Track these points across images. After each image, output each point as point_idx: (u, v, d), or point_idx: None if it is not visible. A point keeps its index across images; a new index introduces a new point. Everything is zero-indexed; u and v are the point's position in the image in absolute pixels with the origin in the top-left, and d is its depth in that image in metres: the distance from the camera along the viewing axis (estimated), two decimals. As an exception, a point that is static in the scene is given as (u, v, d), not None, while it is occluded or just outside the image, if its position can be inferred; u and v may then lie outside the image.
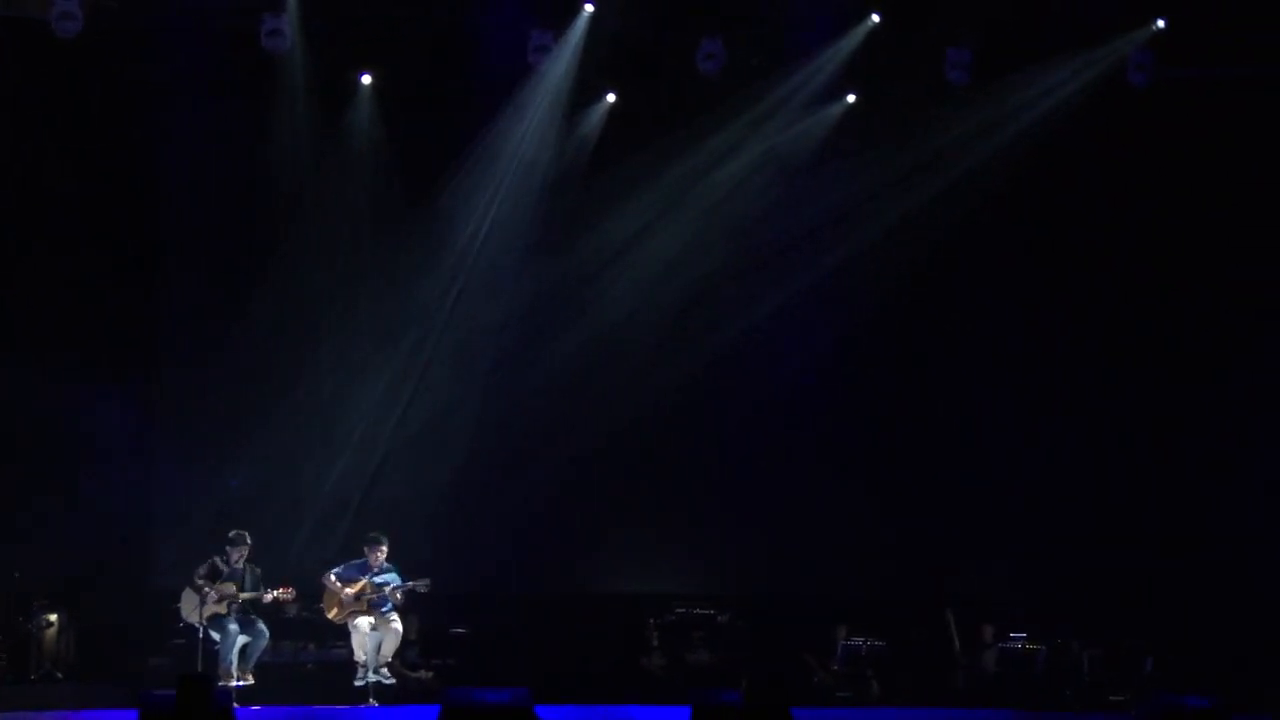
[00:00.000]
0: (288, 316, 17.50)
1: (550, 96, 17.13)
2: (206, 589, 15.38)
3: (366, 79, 17.14)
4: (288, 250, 17.45)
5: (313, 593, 15.89)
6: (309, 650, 16.34)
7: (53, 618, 16.23)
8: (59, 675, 16.04)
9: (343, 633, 15.70)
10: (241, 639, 15.40)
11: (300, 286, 17.54)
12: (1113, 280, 18.01)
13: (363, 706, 15.12)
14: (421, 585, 15.79)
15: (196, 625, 15.30)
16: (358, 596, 15.45)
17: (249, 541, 15.81)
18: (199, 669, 14.83)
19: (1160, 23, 16.62)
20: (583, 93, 17.23)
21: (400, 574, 15.83)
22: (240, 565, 15.65)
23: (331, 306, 17.62)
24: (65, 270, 16.99)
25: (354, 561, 15.81)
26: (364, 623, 15.38)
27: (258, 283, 17.50)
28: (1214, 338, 17.73)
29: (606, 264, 17.68)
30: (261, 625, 15.52)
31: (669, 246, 17.70)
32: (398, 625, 15.51)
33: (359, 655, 15.38)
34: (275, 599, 15.51)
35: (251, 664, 15.45)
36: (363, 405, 17.61)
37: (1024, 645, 16.38)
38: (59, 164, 16.90)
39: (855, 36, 16.87)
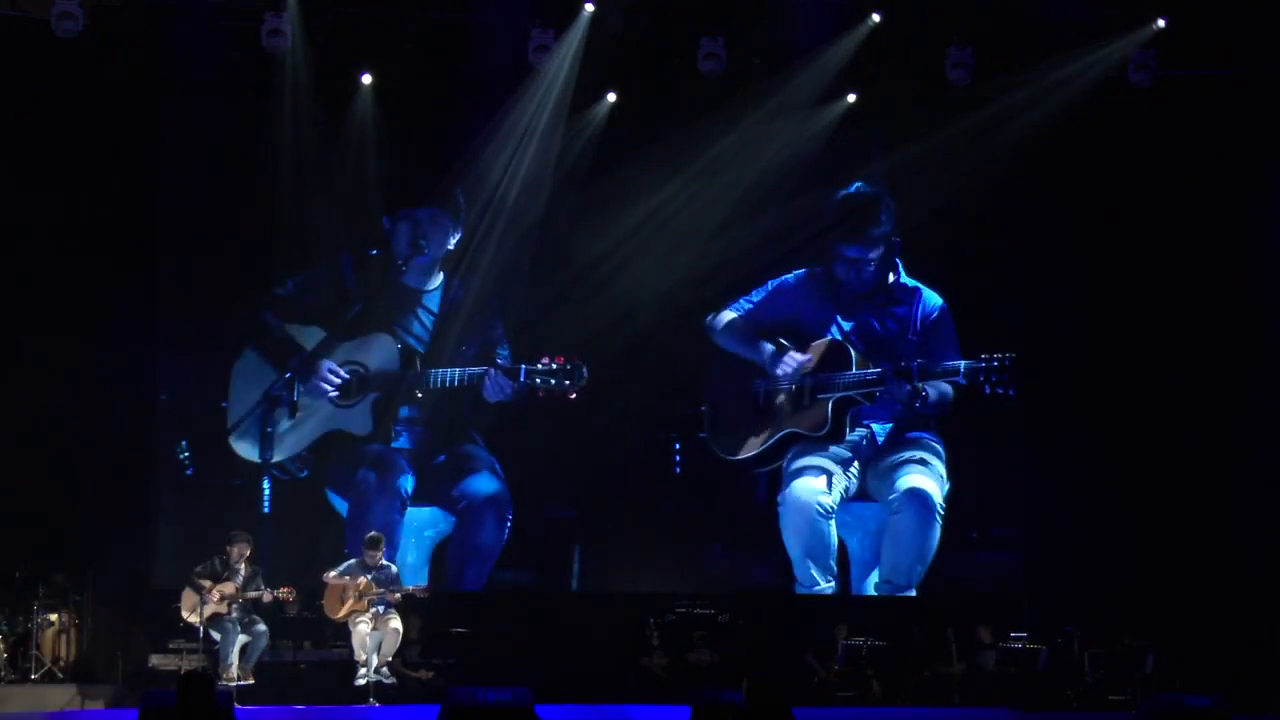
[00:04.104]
0: (295, 314, 17.54)
1: (551, 96, 17.13)
2: (206, 589, 15.40)
3: (366, 79, 17.14)
4: (288, 250, 17.45)
5: (313, 592, 15.91)
6: (309, 650, 16.32)
7: (53, 618, 16.22)
8: (59, 675, 16.03)
9: (343, 633, 15.72)
10: (241, 639, 15.43)
11: (300, 285, 17.54)
12: (1113, 279, 17.99)
13: (363, 706, 15.13)
14: (420, 590, 15.82)
15: (196, 625, 15.32)
16: (358, 596, 15.48)
17: (249, 541, 15.86)
18: (199, 669, 14.83)
19: (1160, 23, 16.62)
20: (583, 92, 17.23)
21: (399, 574, 15.87)
22: (240, 565, 15.68)
23: (331, 306, 17.59)
24: (63, 272, 16.95)
25: (353, 561, 15.85)
26: (364, 622, 15.40)
27: (258, 282, 17.51)
28: (1215, 337, 17.72)
29: (608, 263, 17.66)
30: (261, 625, 15.55)
31: (670, 245, 17.68)
32: (398, 625, 15.54)
33: (359, 655, 15.39)
34: (275, 598, 15.54)
35: (251, 664, 15.49)
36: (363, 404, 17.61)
37: (1024, 645, 16.39)
38: (58, 164, 16.87)
39: (855, 36, 16.87)
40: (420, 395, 17.40)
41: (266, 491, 16.89)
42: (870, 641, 16.57)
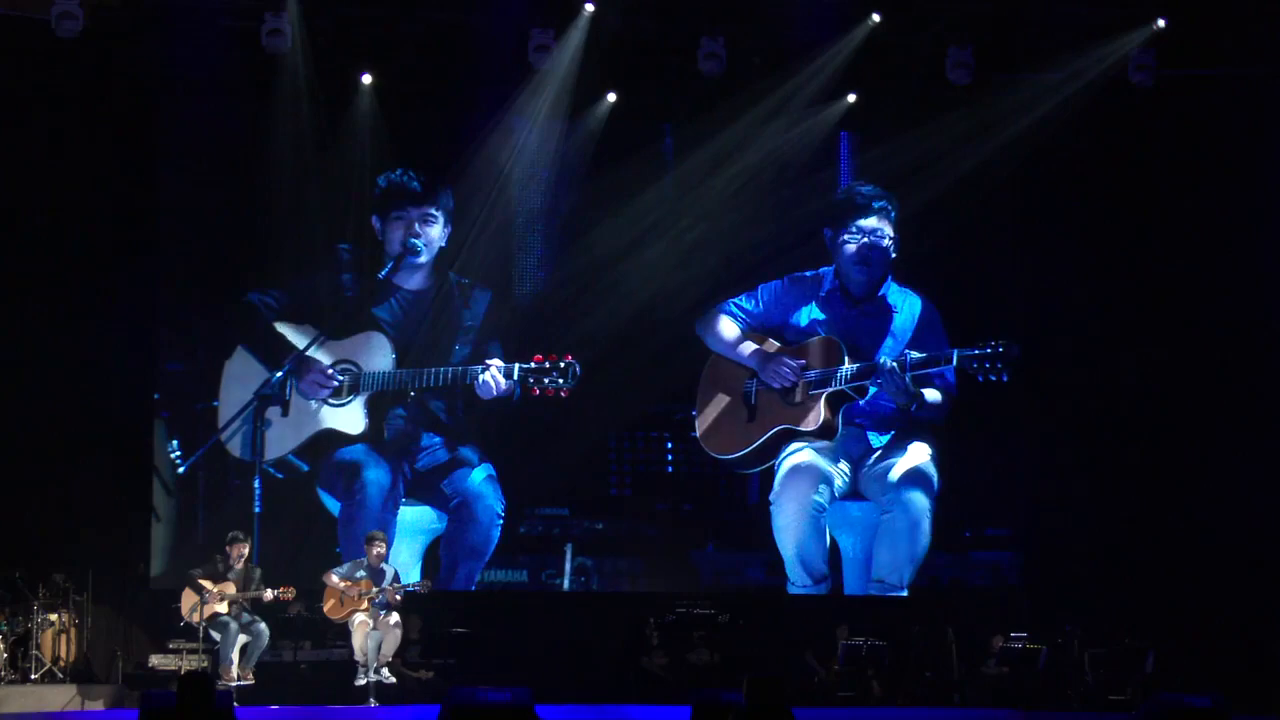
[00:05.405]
0: (287, 315, 17.52)
1: (551, 96, 17.13)
2: (207, 589, 15.42)
3: (366, 79, 17.15)
4: (288, 250, 17.46)
5: (313, 592, 15.91)
6: (309, 650, 16.32)
7: (53, 618, 16.21)
8: (59, 675, 16.03)
9: (343, 633, 15.73)
10: (241, 639, 15.44)
11: (301, 286, 17.54)
12: (1112, 278, 18.00)
13: (363, 706, 15.14)
14: (421, 586, 15.83)
15: (196, 625, 15.33)
16: (358, 595, 15.49)
17: (249, 541, 15.87)
18: (199, 669, 14.84)
19: (1160, 23, 16.62)
20: (583, 92, 17.23)
21: (399, 573, 15.88)
22: (240, 565, 15.70)
23: (324, 305, 17.58)
24: (61, 273, 16.97)
25: (354, 561, 15.87)
26: (364, 622, 15.40)
27: (254, 282, 17.50)
28: (1214, 336, 17.72)
29: (608, 264, 17.66)
30: (261, 625, 15.56)
31: (668, 244, 17.69)
32: (398, 625, 15.55)
33: (359, 655, 15.40)
34: (275, 598, 15.55)
35: (251, 664, 15.49)
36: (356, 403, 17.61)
37: (1024, 645, 16.38)
38: (58, 164, 16.88)
39: (855, 36, 16.88)
40: (413, 394, 17.39)
41: (258, 490, 16.88)
42: (870, 641, 16.55)
